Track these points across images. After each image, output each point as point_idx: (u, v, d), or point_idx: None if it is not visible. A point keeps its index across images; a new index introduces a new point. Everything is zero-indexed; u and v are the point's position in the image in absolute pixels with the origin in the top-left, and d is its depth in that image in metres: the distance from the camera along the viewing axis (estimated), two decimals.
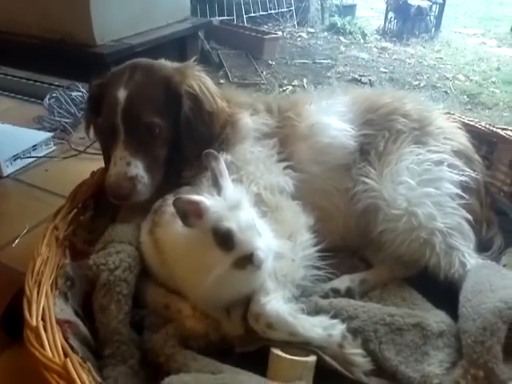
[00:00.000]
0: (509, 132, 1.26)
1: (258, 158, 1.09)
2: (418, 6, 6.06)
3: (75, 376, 0.68)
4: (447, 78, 4.23)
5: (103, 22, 1.17)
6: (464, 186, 1.10)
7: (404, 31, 6.23)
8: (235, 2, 4.94)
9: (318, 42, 5.03)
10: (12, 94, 2.48)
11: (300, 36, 5.17)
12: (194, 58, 1.20)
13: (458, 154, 1.15)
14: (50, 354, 0.72)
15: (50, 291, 0.86)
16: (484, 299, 0.83)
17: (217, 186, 0.88)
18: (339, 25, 5.40)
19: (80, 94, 2.20)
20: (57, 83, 2.34)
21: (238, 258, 0.84)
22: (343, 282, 1.05)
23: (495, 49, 5.90)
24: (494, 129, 1.29)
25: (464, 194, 1.09)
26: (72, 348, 0.78)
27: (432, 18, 6.28)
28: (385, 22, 6.51)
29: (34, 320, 0.78)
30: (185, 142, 1.09)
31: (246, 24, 4.98)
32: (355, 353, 0.86)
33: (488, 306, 0.80)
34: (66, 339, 0.79)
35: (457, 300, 0.95)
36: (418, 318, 0.91)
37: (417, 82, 4.04)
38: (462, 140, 1.20)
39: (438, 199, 1.05)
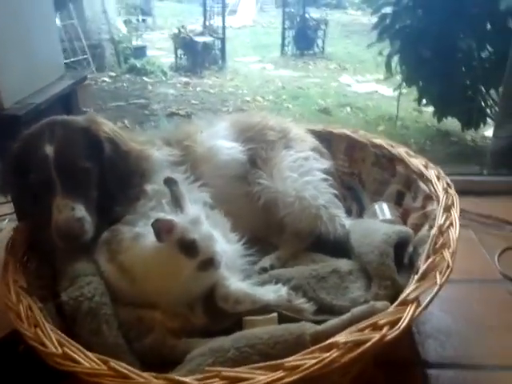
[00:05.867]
0: (339, 130, 1.71)
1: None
2: (204, 42, 6.74)
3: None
4: (248, 101, 4.87)
5: (7, 84, 1.23)
6: (326, 172, 1.49)
7: (196, 65, 6.84)
8: None
9: (124, 84, 5.26)
10: None
11: (104, 81, 5.32)
12: (91, 109, 1.37)
13: (314, 150, 1.54)
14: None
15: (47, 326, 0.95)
16: (373, 238, 1.21)
17: (179, 205, 1.09)
18: (139, 66, 5.69)
19: None
20: None
21: (200, 262, 1.06)
22: (266, 262, 1.34)
23: (274, 71, 6.90)
24: (328, 129, 1.73)
25: (328, 177, 1.48)
26: None
27: (217, 51, 7.04)
28: (176, 59, 7.05)
29: (57, 348, 0.88)
30: (111, 181, 1.25)
31: None
32: (300, 302, 1.15)
33: (378, 240, 1.18)
34: None
35: (346, 250, 1.32)
36: (331, 266, 1.25)
37: (226, 108, 4.57)
38: (312, 140, 1.60)
39: (315, 184, 1.42)
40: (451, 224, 1.15)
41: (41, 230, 1.21)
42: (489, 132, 4.32)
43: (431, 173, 1.38)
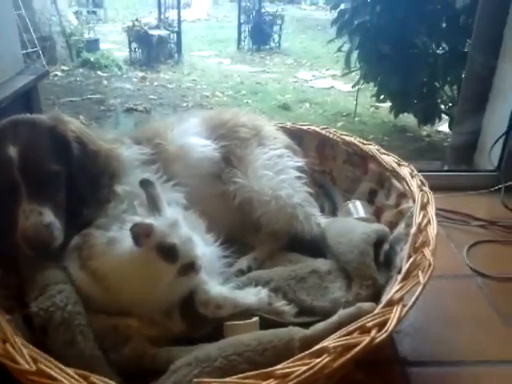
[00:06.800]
0: (310, 127, 1.70)
1: None
2: (159, 36, 6.60)
3: None
4: (208, 97, 4.80)
5: None
6: (300, 170, 1.47)
7: (151, 59, 6.69)
8: None
9: (77, 78, 5.06)
10: None
11: (56, 75, 5.09)
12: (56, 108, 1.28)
13: (287, 147, 1.51)
14: None
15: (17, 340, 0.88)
16: (351, 237, 1.20)
17: (156, 208, 1.04)
18: (93, 59, 5.49)
19: None
20: None
21: (181, 267, 1.02)
22: (242, 263, 1.31)
23: (231, 66, 6.84)
24: (298, 126, 1.72)
25: (302, 175, 1.46)
26: None
27: (173, 45, 6.90)
28: (130, 53, 6.87)
29: (31, 365, 0.82)
30: (80, 183, 1.18)
31: None
32: (281, 304, 1.13)
33: (357, 239, 1.18)
34: None
35: (321, 249, 1.31)
36: (310, 267, 1.23)
37: (185, 104, 4.48)
38: (285, 137, 1.57)
39: (291, 182, 1.40)
40: (429, 222, 1.16)
41: (4, 235, 1.13)
42: (443, 127, 4.46)
43: (404, 170, 1.39)
